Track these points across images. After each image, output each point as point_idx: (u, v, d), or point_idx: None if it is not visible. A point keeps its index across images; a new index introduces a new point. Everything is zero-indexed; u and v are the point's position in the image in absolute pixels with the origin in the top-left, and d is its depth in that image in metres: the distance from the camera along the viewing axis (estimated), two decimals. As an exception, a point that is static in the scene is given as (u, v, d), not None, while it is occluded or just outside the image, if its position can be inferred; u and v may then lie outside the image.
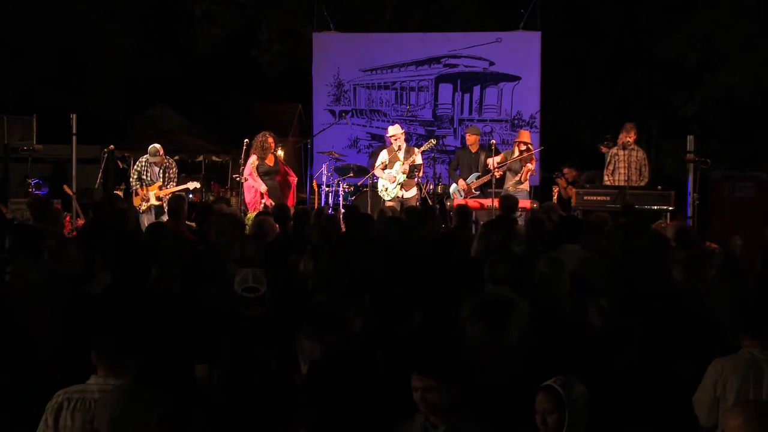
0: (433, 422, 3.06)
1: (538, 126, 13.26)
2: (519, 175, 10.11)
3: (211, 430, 3.95)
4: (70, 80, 21.25)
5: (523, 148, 10.18)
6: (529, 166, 10.10)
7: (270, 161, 9.83)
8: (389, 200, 10.03)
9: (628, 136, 9.94)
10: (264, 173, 9.77)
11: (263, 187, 9.68)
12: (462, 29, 17.09)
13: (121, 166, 17.58)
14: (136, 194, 9.93)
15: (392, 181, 10.06)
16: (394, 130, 10.31)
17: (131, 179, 10.10)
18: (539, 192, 12.88)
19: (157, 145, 9.98)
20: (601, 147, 10.98)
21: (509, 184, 10.10)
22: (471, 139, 10.67)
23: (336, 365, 3.75)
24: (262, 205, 9.43)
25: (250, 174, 9.75)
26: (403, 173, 10.04)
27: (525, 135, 10.51)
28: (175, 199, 7.75)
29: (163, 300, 4.47)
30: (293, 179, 10.22)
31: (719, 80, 16.61)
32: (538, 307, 4.50)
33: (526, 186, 10.21)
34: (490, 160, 10.14)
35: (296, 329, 4.23)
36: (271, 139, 9.82)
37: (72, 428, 3.02)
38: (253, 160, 9.76)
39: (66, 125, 12.37)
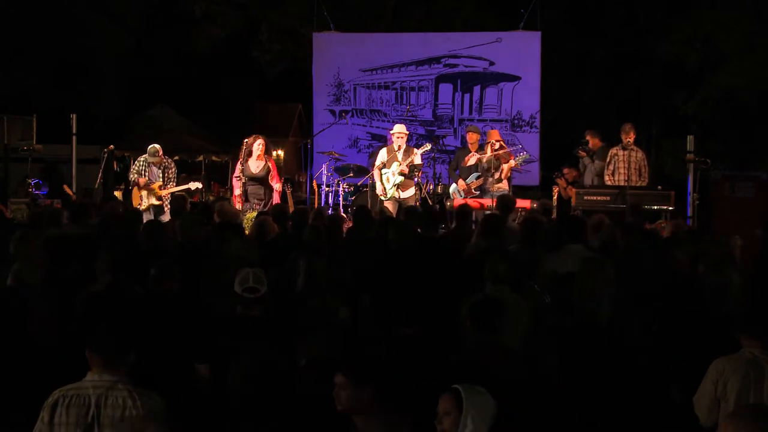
0: (354, 422, 3.08)
1: (538, 126, 13.27)
2: (498, 173, 10.07)
3: (211, 429, 3.95)
4: (70, 80, 21.25)
5: (497, 147, 10.13)
6: (512, 162, 10.05)
7: (255, 167, 9.64)
8: (386, 200, 10.00)
9: (627, 137, 9.94)
10: (248, 178, 9.68)
11: (237, 191, 9.64)
12: (462, 29, 17.11)
13: (116, 167, 17.60)
14: (137, 185, 9.88)
15: (387, 185, 10.03)
16: (399, 129, 10.22)
17: (130, 174, 10.10)
18: (539, 192, 12.89)
19: (157, 146, 9.96)
20: (579, 151, 10.96)
21: (488, 184, 10.04)
22: (472, 138, 10.65)
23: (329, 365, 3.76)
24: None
25: (239, 174, 9.74)
26: (401, 174, 9.99)
27: (495, 134, 10.43)
28: (177, 199, 7.77)
29: (163, 300, 4.47)
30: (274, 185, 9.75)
31: (719, 80, 16.63)
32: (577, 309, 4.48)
33: (504, 185, 10.15)
34: (468, 157, 10.15)
35: (296, 329, 4.23)
36: (258, 143, 9.65)
37: (66, 423, 3.06)
38: (240, 162, 9.72)
39: (66, 125, 12.37)
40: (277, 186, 9.68)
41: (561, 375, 3.96)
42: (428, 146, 10.41)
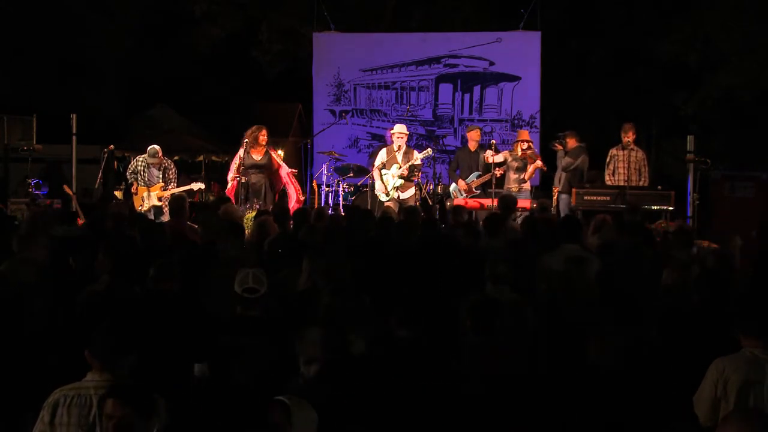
0: None
1: (538, 126, 13.27)
2: (523, 173, 10.11)
3: (209, 429, 3.95)
4: (70, 80, 21.23)
5: (525, 146, 10.20)
6: (538, 163, 10.14)
7: (258, 155, 9.71)
8: (386, 200, 9.99)
9: (627, 137, 9.94)
10: (250, 167, 9.68)
11: (230, 184, 9.67)
12: (462, 29, 17.10)
13: (116, 167, 17.62)
14: (136, 193, 9.90)
15: (387, 185, 10.02)
16: (399, 129, 10.19)
17: (127, 174, 10.10)
18: (540, 192, 12.88)
19: (156, 147, 9.95)
20: (555, 144, 10.96)
21: (511, 183, 10.08)
22: (475, 136, 10.68)
23: (346, 365, 3.76)
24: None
25: (233, 165, 9.75)
26: (401, 176, 9.98)
27: (525, 134, 10.55)
28: (177, 199, 7.75)
29: (163, 300, 4.46)
30: (283, 176, 9.83)
31: (719, 80, 16.60)
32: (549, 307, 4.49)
33: (527, 185, 10.23)
34: (487, 154, 10.18)
35: (296, 330, 4.23)
36: (263, 133, 9.69)
37: (68, 424, 3.06)
38: (240, 152, 9.72)
39: (66, 125, 12.36)
40: (284, 171, 9.69)
41: (557, 373, 3.97)
42: (429, 151, 10.40)
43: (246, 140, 9.65)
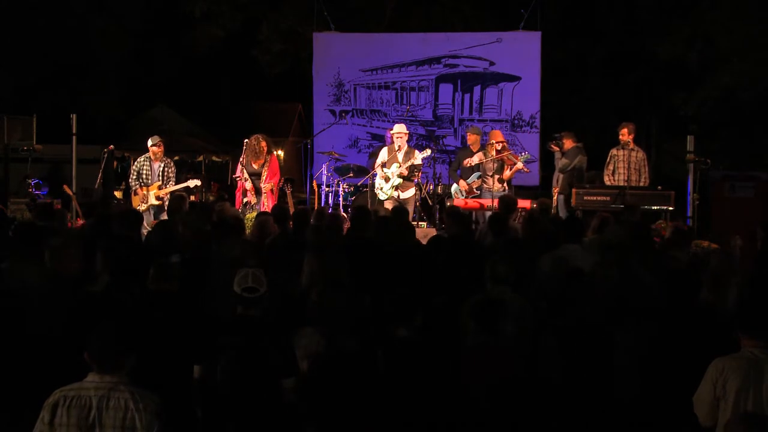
0: None
1: (538, 126, 13.27)
2: (500, 175, 10.03)
3: (209, 429, 3.95)
4: (70, 80, 21.26)
5: (499, 147, 10.10)
6: (519, 165, 10.00)
7: (258, 165, 9.60)
8: (385, 199, 9.96)
9: (623, 135, 9.90)
10: (251, 174, 9.64)
11: (248, 184, 9.57)
12: (462, 29, 17.13)
13: (115, 166, 17.65)
14: (136, 194, 9.91)
15: (386, 180, 9.98)
16: (399, 129, 10.16)
17: (130, 179, 10.08)
18: (540, 192, 12.88)
19: (157, 136, 9.97)
20: (552, 145, 10.94)
21: (490, 185, 9.99)
22: (472, 139, 10.63)
23: (337, 363, 3.75)
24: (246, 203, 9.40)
25: (240, 174, 9.71)
26: (400, 176, 9.95)
27: (498, 134, 10.40)
28: (176, 199, 7.74)
29: (162, 300, 4.46)
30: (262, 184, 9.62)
31: (719, 80, 16.61)
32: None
33: (505, 186, 10.10)
34: (466, 161, 10.13)
35: (295, 329, 4.23)
36: (263, 144, 9.64)
37: (68, 425, 3.06)
38: (242, 161, 9.67)
39: (66, 125, 12.37)
40: (265, 186, 9.54)
41: (562, 375, 3.97)
42: (428, 152, 10.37)
43: (246, 148, 9.60)
